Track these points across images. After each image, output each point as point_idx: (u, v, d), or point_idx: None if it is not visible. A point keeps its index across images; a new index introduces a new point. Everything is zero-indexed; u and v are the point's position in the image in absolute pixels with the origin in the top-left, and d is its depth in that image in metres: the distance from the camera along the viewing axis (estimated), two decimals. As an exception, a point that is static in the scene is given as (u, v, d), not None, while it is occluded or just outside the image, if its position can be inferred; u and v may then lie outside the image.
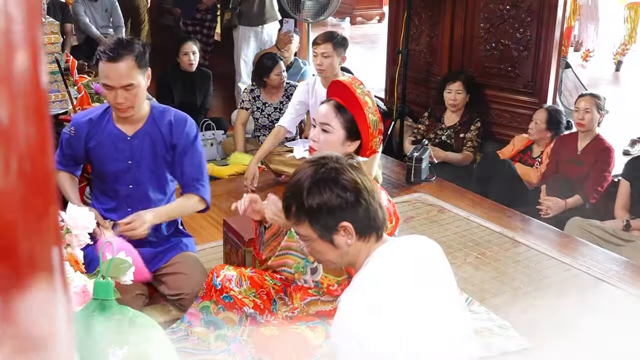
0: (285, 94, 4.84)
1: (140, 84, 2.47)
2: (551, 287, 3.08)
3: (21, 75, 0.49)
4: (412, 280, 1.59)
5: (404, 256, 1.65)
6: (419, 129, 5.05)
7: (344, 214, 1.60)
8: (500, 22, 4.92)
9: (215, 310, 2.39)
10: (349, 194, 1.60)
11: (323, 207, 1.60)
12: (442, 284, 1.66)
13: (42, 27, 3.48)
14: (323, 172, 1.62)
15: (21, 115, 0.49)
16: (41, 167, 0.52)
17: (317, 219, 1.61)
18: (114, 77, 2.41)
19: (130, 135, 2.60)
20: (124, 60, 2.40)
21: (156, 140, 2.61)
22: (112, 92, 2.44)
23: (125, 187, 2.64)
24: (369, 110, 2.25)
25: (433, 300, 1.60)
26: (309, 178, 1.62)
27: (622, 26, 7.48)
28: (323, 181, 1.61)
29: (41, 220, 0.53)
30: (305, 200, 1.61)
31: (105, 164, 2.62)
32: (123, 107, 2.47)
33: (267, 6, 5.93)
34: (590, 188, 4.02)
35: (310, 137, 2.31)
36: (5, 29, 0.47)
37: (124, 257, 1.54)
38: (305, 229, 1.64)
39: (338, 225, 1.61)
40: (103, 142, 2.60)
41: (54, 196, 0.55)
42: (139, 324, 1.16)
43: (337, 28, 10.29)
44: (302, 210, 1.62)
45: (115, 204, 2.67)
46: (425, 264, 1.65)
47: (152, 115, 2.62)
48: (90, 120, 2.61)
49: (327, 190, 1.60)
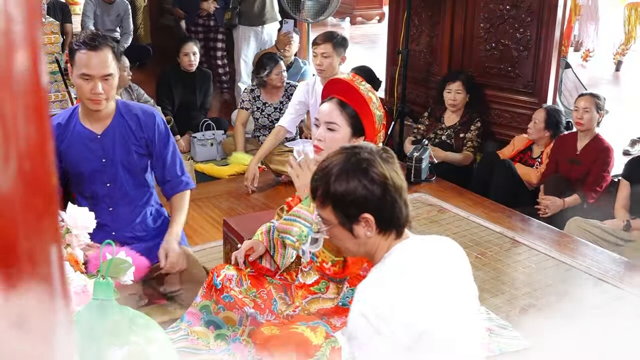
0: (285, 94, 4.84)
1: (116, 76, 2.48)
2: (551, 287, 3.08)
3: (21, 75, 0.49)
4: (430, 278, 1.59)
5: (423, 254, 1.65)
6: (419, 129, 5.05)
7: (367, 205, 1.60)
8: (500, 22, 4.92)
9: (215, 309, 2.39)
10: (375, 187, 1.60)
11: (347, 195, 1.60)
12: (460, 285, 1.65)
13: (42, 27, 3.48)
14: (354, 161, 1.62)
15: (21, 115, 0.49)
16: (41, 167, 0.52)
17: (340, 206, 1.62)
18: (94, 66, 2.40)
19: (100, 134, 2.58)
20: (104, 50, 2.42)
21: (126, 136, 2.60)
22: (90, 83, 2.42)
23: (102, 187, 2.63)
24: (374, 105, 2.25)
25: (449, 301, 1.59)
26: (339, 164, 1.63)
27: (622, 26, 7.47)
28: (352, 170, 1.61)
29: (41, 220, 0.53)
30: (331, 186, 1.62)
31: (79, 165, 2.59)
32: (99, 99, 2.45)
33: (267, 6, 5.93)
34: (589, 188, 4.02)
35: (315, 137, 2.31)
36: (5, 29, 0.47)
37: (124, 257, 1.54)
38: (328, 213, 1.65)
39: (360, 215, 1.61)
40: (74, 144, 2.57)
41: (54, 196, 0.55)
42: (139, 324, 1.16)
43: (337, 28, 10.28)
44: (327, 195, 1.63)
45: (95, 206, 2.61)
46: (445, 264, 1.65)
47: (119, 110, 2.61)
48: (59, 124, 2.57)
49: (354, 180, 1.60)
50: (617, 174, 4.11)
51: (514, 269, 3.25)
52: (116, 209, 2.63)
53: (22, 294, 0.51)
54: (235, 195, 4.15)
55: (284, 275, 2.48)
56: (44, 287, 0.54)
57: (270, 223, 2.52)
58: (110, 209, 2.64)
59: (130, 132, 2.61)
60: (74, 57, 2.44)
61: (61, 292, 0.57)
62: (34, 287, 0.52)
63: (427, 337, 1.50)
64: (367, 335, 1.49)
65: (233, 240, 2.95)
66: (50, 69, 3.67)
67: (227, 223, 3.06)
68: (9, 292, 0.50)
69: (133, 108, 2.65)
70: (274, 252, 2.46)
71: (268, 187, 4.25)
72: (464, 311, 1.63)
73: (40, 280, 0.53)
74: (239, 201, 4.07)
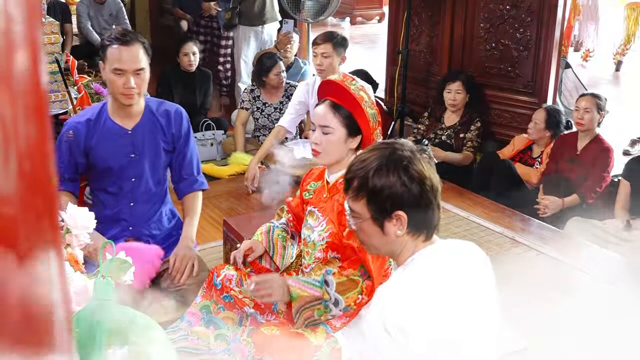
0: (285, 94, 4.84)
1: (147, 71, 2.53)
2: (551, 287, 3.08)
3: (21, 75, 0.49)
4: (455, 290, 1.55)
5: (450, 263, 1.61)
6: (419, 129, 5.05)
7: (403, 202, 1.58)
8: (500, 22, 4.92)
9: (216, 309, 2.39)
10: (414, 185, 1.58)
11: (385, 190, 1.58)
12: (483, 297, 1.61)
13: (42, 27, 3.49)
14: (395, 157, 1.60)
15: (21, 115, 0.49)
16: (41, 167, 0.52)
17: (375, 200, 1.59)
18: (127, 60, 2.46)
19: (131, 129, 2.62)
20: (135, 44, 2.48)
21: (156, 132, 2.65)
22: (122, 78, 2.47)
23: (128, 182, 2.66)
24: (366, 104, 2.25)
25: (470, 310, 1.56)
26: (380, 158, 1.60)
27: (622, 26, 7.47)
28: (394, 165, 1.58)
29: (41, 220, 0.53)
30: (370, 178, 1.59)
31: (107, 161, 2.62)
32: (132, 93, 2.50)
33: (267, 6, 5.92)
34: (589, 188, 4.02)
35: (312, 140, 2.31)
36: (5, 29, 0.47)
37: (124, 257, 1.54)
38: (361, 206, 1.62)
39: (393, 212, 1.58)
40: (104, 140, 2.60)
41: (54, 196, 0.55)
42: (139, 324, 1.16)
43: (337, 28, 10.28)
44: (363, 187, 1.60)
45: (117, 201, 2.68)
46: (470, 275, 1.61)
47: (148, 107, 2.66)
48: (89, 120, 2.61)
49: (394, 175, 1.58)
50: (617, 174, 4.11)
51: (514, 269, 3.25)
52: (136, 205, 2.68)
53: (22, 294, 0.51)
54: (235, 195, 4.15)
55: (284, 274, 2.48)
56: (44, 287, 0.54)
57: (270, 223, 2.52)
58: (131, 204, 2.68)
59: (160, 128, 2.65)
60: (105, 54, 2.49)
61: (61, 292, 0.57)
62: (34, 287, 0.52)
63: (445, 350, 1.49)
64: (384, 343, 1.47)
65: (233, 240, 2.95)
66: (50, 69, 3.67)
67: (227, 223, 3.06)
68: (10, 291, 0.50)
69: (163, 104, 2.71)
70: (274, 253, 2.46)
71: (275, 191, 4.25)
72: (485, 326, 1.59)
73: (40, 280, 0.53)
74: (239, 201, 4.07)
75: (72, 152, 2.60)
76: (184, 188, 2.77)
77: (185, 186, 2.76)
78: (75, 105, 3.78)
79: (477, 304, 1.58)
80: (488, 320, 1.60)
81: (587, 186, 4.02)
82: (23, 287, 0.51)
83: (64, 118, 3.62)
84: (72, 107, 3.76)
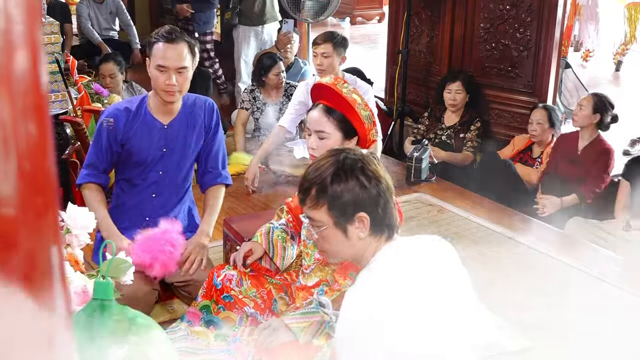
0: (285, 94, 4.84)
1: (190, 70, 2.58)
2: (551, 287, 3.08)
3: (21, 75, 0.49)
4: (417, 281, 1.56)
5: (410, 257, 1.62)
6: (419, 129, 5.05)
7: (363, 204, 1.59)
8: (500, 22, 4.92)
9: (216, 309, 2.39)
10: (372, 186, 1.59)
11: (345, 193, 1.58)
12: (449, 287, 1.62)
13: (42, 27, 3.49)
14: (350, 160, 1.61)
15: (21, 115, 0.49)
16: (41, 167, 0.52)
17: (337, 205, 1.59)
18: (171, 58, 2.49)
19: (166, 124, 2.66)
20: (180, 43, 2.52)
21: (191, 125, 2.69)
22: (164, 74, 2.51)
23: (155, 174, 2.70)
24: (359, 107, 2.25)
25: (437, 304, 1.56)
26: (336, 163, 1.61)
27: (622, 26, 7.47)
28: (350, 168, 1.60)
29: (41, 220, 0.53)
30: (329, 185, 1.60)
31: (140, 153, 2.66)
32: (173, 91, 2.53)
33: (267, 6, 5.92)
34: (588, 188, 4.02)
35: (309, 146, 2.32)
36: (5, 29, 0.47)
37: (124, 257, 1.54)
38: (322, 214, 1.62)
39: (356, 215, 1.59)
40: (140, 132, 2.64)
41: (54, 196, 0.55)
42: (139, 324, 1.16)
43: (337, 28, 10.28)
44: (322, 194, 1.61)
45: (141, 191, 2.71)
46: (433, 265, 1.62)
47: (185, 103, 2.70)
48: (128, 109, 2.65)
49: (353, 178, 1.59)
50: (617, 174, 4.11)
51: (514, 269, 3.25)
52: (158, 197, 2.72)
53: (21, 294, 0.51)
54: (235, 195, 4.15)
55: (284, 275, 2.48)
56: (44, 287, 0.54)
57: (269, 224, 2.52)
58: (153, 195, 2.72)
59: (194, 120, 2.70)
60: (151, 50, 2.53)
61: (61, 292, 0.57)
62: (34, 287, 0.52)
63: (416, 348, 1.49)
64: (359, 347, 1.48)
65: (233, 240, 2.95)
66: (50, 69, 3.66)
67: (227, 223, 3.06)
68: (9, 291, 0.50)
69: (197, 99, 2.76)
70: (273, 255, 2.46)
71: (268, 187, 4.25)
72: (451, 316, 1.58)
73: (40, 281, 0.53)
74: (239, 201, 4.07)
75: (110, 139, 2.62)
76: (208, 181, 2.81)
77: (210, 179, 2.80)
78: (75, 105, 3.78)
79: (444, 297, 1.58)
80: (459, 313, 1.60)
81: (587, 186, 4.02)
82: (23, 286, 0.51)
83: (64, 118, 3.62)
84: (72, 107, 3.76)
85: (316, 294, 2.13)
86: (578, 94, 5.62)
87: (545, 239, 3.59)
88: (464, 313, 1.63)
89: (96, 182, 2.64)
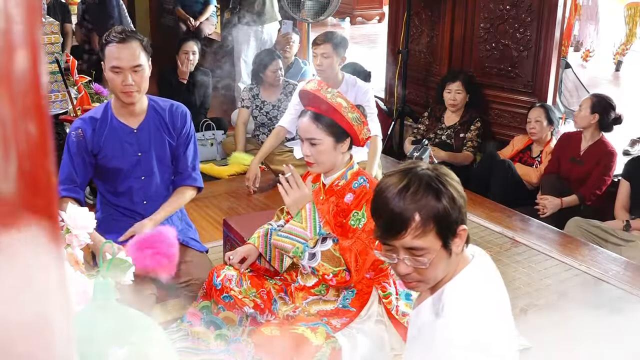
0: (283, 92, 4.84)
1: (146, 68, 2.54)
2: (551, 287, 3.08)
3: (21, 75, 0.49)
4: (498, 296, 1.52)
5: (486, 271, 1.55)
6: (419, 129, 5.05)
7: (463, 216, 1.47)
8: (500, 22, 4.92)
9: (215, 310, 2.39)
10: (461, 198, 1.48)
11: (450, 209, 1.43)
12: (506, 296, 1.57)
13: (42, 27, 3.49)
14: (435, 175, 1.46)
15: (21, 115, 0.49)
16: (41, 167, 0.52)
17: (445, 224, 1.43)
18: (124, 57, 2.47)
19: (136, 128, 2.64)
20: (132, 42, 2.49)
21: (161, 128, 2.67)
22: (120, 75, 2.48)
23: (137, 180, 2.67)
24: (345, 110, 2.27)
25: (509, 317, 1.53)
26: (423, 181, 1.44)
27: (622, 26, 7.47)
28: (443, 182, 1.45)
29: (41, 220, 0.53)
30: (434, 205, 1.42)
31: (114, 161, 2.63)
32: (131, 91, 2.51)
33: (267, 6, 5.92)
34: (589, 189, 4.02)
35: (303, 153, 2.33)
36: (5, 29, 0.47)
37: (124, 257, 1.54)
38: (430, 239, 1.43)
39: (458, 228, 1.46)
40: (110, 139, 2.61)
41: (54, 196, 0.55)
42: (139, 324, 1.16)
43: (337, 28, 10.28)
44: (429, 217, 1.42)
45: (130, 200, 2.69)
46: (498, 278, 1.56)
47: (152, 106, 2.67)
48: (92, 118, 2.62)
49: (450, 190, 1.45)
50: (617, 174, 4.11)
51: (514, 269, 3.25)
52: (149, 202, 2.70)
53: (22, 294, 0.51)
54: (235, 195, 4.15)
55: (284, 275, 2.48)
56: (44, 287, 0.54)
57: (268, 225, 2.52)
58: (144, 202, 2.70)
59: (164, 124, 2.67)
60: (104, 53, 2.51)
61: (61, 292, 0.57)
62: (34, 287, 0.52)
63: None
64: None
65: (233, 240, 2.95)
66: (50, 69, 3.67)
67: (227, 223, 3.06)
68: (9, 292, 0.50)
69: (165, 101, 2.74)
70: (271, 258, 2.46)
71: (268, 187, 4.25)
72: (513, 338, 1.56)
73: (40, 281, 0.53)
74: (239, 201, 4.07)
75: (81, 151, 2.59)
76: (177, 181, 2.78)
77: (179, 180, 2.78)
78: (75, 105, 3.78)
79: (508, 311, 1.55)
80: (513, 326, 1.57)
81: (587, 187, 4.02)
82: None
83: (64, 118, 3.62)
84: (72, 107, 3.76)
85: (330, 233, 2.22)
86: (578, 94, 5.62)
87: (545, 239, 3.59)
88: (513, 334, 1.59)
89: (74, 197, 2.55)
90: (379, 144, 3.86)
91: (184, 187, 2.77)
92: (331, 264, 2.17)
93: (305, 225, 2.22)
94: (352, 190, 2.29)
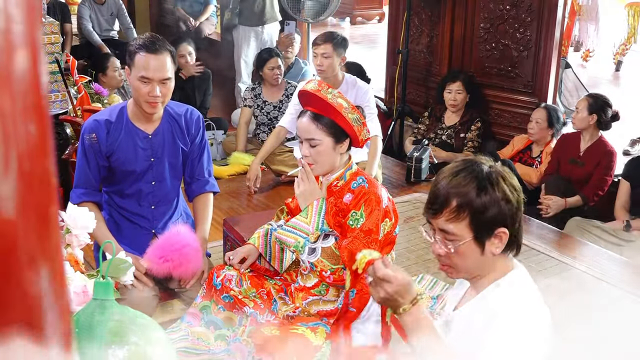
0: (285, 92, 4.84)
1: (173, 80, 2.50)
2: (551, 287, 3.08)
3: (21, 75, 0.49)
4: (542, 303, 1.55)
5: (528, 278, 1.57)
6: (419, 129, 5.05)
7: (504, 219, 1.50)
8: (500, 22, 4.93)
9: (216, 310, 2.39)
10: (514, 201, 1.51)
11: (491, 207, 1.48)
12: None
13: (42, 27, 3.48)
14: (492, 173, 1.51)
15: (21, 115, 0.49)
16: (41, 167, 0.52)
17: (480, 219, 1.49)
18: (154, 69, 2.41)
19: (151, 133, 2.60)
20: (163, 53, 2.43)
21: (176, 134, 2.64)
22: (148, 86, 2.42)
23: (148, 185, 2.65)
24: (346, 111, 2.26)
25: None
26: (477, 175, 1.50)
27: (622, 26, 7.47)
28: (496, 180, 1.50)
29: (41, 220, 0.53)
30: (474, 197, 1.48)
31: (127, 164, 2.59)
32: (157, 102, 2.46)
33: (267, 6, 5.92)
34: (590, 190, 4.02)
35: (302, 154, 2.33)
36: (5, 29, 0.47)
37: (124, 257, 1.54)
38: (462, 227, 1.50)
39: (497, 229, 1.50)
40: (124, 142, 2.57)
41: (54, 196, 0.55)
42: (139, 324, 1.16)
43: (337, 28, 10.28)
44: (465, 207, 1.48)
45: (139, 204, 2.67)
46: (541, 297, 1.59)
47: (167, 111, 2.63)
48: (108, 121, 2.56)
49: (499, 190, 1.49)
50: (617, 174, 4.11)
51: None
52: (157, 207, 2.68)
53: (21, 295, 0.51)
54: (235, 195, 4.15)
55: (284, 275, 2.48)
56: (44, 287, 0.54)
57: (268, 225, 2.52)
58: (152, 207, 2.68)
59: (179, 130, 2.64)
60: (133, 59, 2.43)
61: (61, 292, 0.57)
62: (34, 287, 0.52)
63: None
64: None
65: (233, 240, 2.95)
66: (50, 69, 3.66)
67: (227, 223, 3.06)
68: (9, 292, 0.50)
69: (181, 106, 2.70)
70: (271, 258, 2.46)
71: (268, 187, 4.25)
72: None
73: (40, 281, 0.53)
74: (239, 201, 4.07)
75: (96, 154, 2.55)
76: (196, 189, 2.75)
77: (197, 187, 2.75)
78: (75, 105, 3.78)
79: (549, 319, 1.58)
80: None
81: (590, 188, 4.03)
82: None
83: (64, 118, 3.62)
84: (72, 107, 3.76)
85: (333, 230, 2.24)
86: (578, 94, 5.62)
87: (545, 239, 3.59)
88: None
89: (93, 201, 2.56)
90: (379, 144, 3.86)
91: (206, 194, 2.76)
92: (330, 262, 2.18)
93: (309, 220, 2.23)
94: (350, 190, 2.29)
